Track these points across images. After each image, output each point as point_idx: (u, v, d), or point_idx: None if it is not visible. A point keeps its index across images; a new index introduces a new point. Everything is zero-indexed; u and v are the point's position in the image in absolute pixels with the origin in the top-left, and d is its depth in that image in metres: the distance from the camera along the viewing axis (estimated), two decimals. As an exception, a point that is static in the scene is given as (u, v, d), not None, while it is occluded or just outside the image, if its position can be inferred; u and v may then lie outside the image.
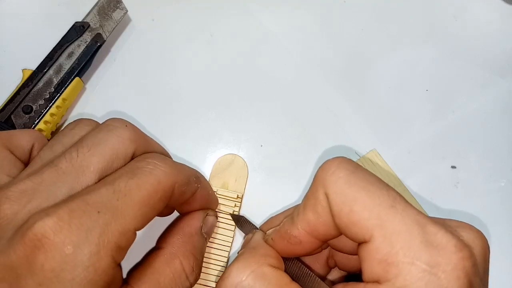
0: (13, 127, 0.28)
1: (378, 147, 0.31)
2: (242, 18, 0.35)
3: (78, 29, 0.31)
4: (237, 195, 0.28)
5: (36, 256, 0.16)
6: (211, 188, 0.27)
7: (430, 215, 0.29)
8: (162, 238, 0.23)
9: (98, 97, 0.32)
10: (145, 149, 0.22)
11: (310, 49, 0.34)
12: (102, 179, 0.19)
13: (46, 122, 0.29)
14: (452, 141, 0.32)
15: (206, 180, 0.27)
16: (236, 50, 0.34)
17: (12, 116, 0.28)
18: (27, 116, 0.28)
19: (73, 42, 0.31)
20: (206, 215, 0.25)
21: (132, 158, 0.21)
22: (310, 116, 0.32)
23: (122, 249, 0.18)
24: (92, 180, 0.19)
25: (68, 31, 0.31)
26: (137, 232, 0.19)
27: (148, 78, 0.33)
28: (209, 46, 0.34)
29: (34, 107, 0.29)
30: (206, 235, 0.25)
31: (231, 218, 0.28)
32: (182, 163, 0.23)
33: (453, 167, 0.31)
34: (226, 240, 0.28)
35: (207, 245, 0.27)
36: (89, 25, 0.31)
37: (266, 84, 0.33)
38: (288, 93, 0.33)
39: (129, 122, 0.22)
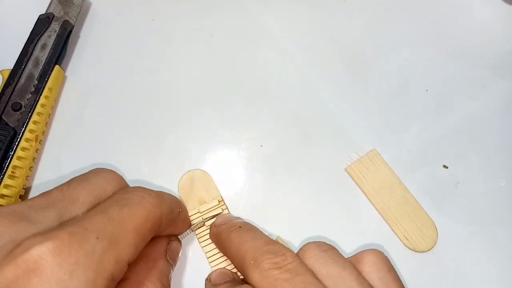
0: (6, 125, 0.28)
1: (378, 147, 0.31)
2: (242, 18, 0.35)
3: (44, 21, 0.31)
4: (218, 200, 0.29)
5: (30, 280, 0.15)
6: (188, 213, 0.28)
7: (430, 215, 0.29)
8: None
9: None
10: None
11: (310, 49, 0.34)
12: (92, 208, 0.19)
13: (39, 114, 0.29)
14: (452, 141, 0.32)
15: (183, 202, 0.28)
16: (236, 50, 0.34)
17: (3, 116, 0.28)
18: (18, 112, 0.29)
19: (42, 34, 0.31)
20: (170, 241, 0.25)
21: None
22: (310, 116, 0.32)
23: (114, 281, 0.17)
24: (81, 210, 0.19)
25: (35, 24, 0.31)
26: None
27: (147, 78, 0.33)
28: (209, 46, 0.34)
29: (22, 103, 0.29)
30: (171, 261, 0.24)
31: None
32: (162, 191, 0.24)
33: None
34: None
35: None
36: (54, 15, 0.32)
37: (266, 84, 0.33)
38: (288, 93, 0.33)
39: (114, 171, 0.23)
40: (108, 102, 0.32)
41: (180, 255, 0.26)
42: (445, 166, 0.31)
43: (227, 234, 0.24)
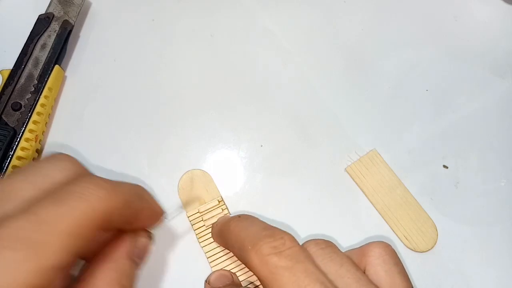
0: (6, 125, 0.28)
1: (378, 147, 0.31)
2: (242, 18, 0.35)
3: (44, 21, 0.31)
4: (218, 201, 0.29)
5: None
6: (157, 204, 0.24)
7: (430, 215, 0.29)
8: (84, 268, 0.20)
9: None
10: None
11: (310, 49, 0.34)
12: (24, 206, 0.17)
13: (39, 114, 0.29)
14: (452, 141, 0.32)
15: (151, 196, 0.24)
16: (236, 50, 0.34)
17: (3, 116, 0.28)
18: (18, 112, 0.29)
19: (42, 34, 0.31)
20: (137, 237, 0.23)
21: None
22: (310, 116, 0.32)
23: None
24: (18, 208, 0.17)
25: (35, 24, 0.31)
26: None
27: (147, 78, 0.33)
28: (209, 46, 0.34)
29: (22, 102, 0.29)
30: (137, 259, 0.22)
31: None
32: (122, 181, 0.21)
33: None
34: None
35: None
36: (54, 15, 0.32)
37: (266, 84, 0.33)
38: (288, 93, 0.33)
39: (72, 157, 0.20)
40: (108, 102, 0.32)
41: (148, 251, 0.24)
42: (445, 166, 0.31)
43: (227, 225, 0.24)
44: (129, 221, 0.21)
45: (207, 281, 0.26)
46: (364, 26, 0.35)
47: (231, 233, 0.23)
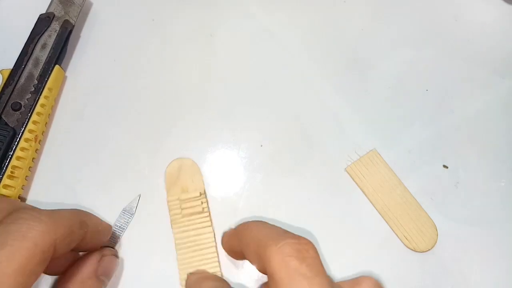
0: (6, 125, 0.28)
1: (378, 147, 0.31)
2: (242, 18, 0.35)
3: (44, 20, 0.31)
4: (200, 193, 0.29)
5: None
6: (101, 223, 0.25)
7: (430, 215, 0.29)
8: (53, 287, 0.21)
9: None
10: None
11: (310, 49, 0.34)
12: None
13: (39, 114, 0.29)
14: (452, 141, 0.32)
15: (94, 217, 0.25)
16: (236, 50, 0.34)
17: (2, 116, 0.28)
18: (18, 112, 0.29)
19: (43, 33, 0.31)
20: (102, 256, 0.23)
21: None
22: (310, 116, 0.32)
23: None
24: None
25: (35, 24, 0.31)
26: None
27: (147, 78, 0.33)
28: (209, 46, 0.34)
29: (22, 102, 0.29)
30: (104, 277, 0.23)
31: (206, 216, 0.28)
32: (60, 210, 0.21)
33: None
34: (209, 237, 0.28)
35: (194, 244, 0.27)
36: (54, 15, 0.32)
37: (266, 84, 0.33)
38: (288, 93, 0.33)
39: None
40: (108, 102, 0.32)
41: (114, 268, 0.24)
42: (445, 166, 0.31)
43: (246, 224, 0.23)
44: (78, 245, 0.21)
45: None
46: (364, 26, 0.35)
47: (251, 230, 0.22)
